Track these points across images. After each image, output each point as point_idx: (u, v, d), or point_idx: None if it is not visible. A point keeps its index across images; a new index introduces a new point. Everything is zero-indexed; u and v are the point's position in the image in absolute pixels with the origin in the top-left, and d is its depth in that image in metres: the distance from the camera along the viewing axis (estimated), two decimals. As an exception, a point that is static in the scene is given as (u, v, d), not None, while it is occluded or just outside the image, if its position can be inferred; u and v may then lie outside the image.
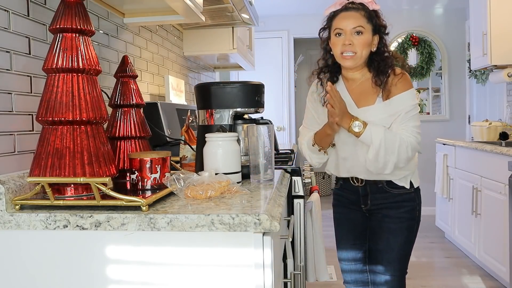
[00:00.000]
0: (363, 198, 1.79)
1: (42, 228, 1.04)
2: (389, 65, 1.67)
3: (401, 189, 1.74)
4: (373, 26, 1.65)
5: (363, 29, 1.63)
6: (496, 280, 3.13)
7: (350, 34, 1.63)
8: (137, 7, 1.87)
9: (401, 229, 1.74)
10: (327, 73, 1.76)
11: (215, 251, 1.01)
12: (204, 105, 1.56)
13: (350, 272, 1.90)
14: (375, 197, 1.76)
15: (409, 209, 1.75)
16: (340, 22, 1.65)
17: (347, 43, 1.62)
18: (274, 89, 5.90)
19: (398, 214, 1.74)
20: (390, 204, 1.75)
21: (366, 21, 1.64)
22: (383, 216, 1.76)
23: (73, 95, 1.11)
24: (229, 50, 3.01)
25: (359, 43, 1.62)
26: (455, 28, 5.43)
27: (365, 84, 1.70)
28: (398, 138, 1.60)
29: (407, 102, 1.63)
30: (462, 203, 3.64)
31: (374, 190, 1.76)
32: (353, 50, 1.63)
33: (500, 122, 3.75)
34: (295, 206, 1.88)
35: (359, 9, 1.65)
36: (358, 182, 1.77)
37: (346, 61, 1.65)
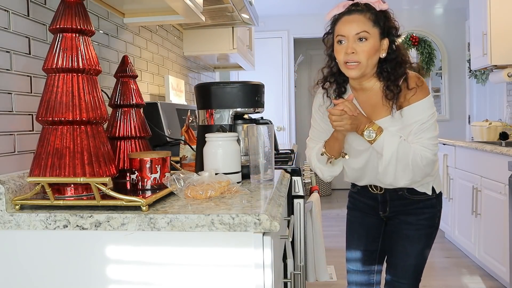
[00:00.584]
0: (382, 205, 1.69)
1: (42, 228, 1.04)
2: (400, 74, 1.50)
3: (423, 195, 1.63)
4: (380, 30, 1.48)
5: (367, 34, 1.46)
6: (496, 280, 3.13)
7: (352, 41, 1.46)
8: (137, 7, 1.87)
9: (420, 236, 1.64)
10: (333, 82, 1.61)
11: (215, 251, 1.01)
12: (204, 105, 1.56)
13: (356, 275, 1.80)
14: (394, 204, 1.66)
15: (429, 216, 1.65)
16: (342, 27, 1.49)
17: (349, 51, 1.46)
18: (274, 89, 5.90)
19: (418, 221, 1.64)
20: (410, 211, 1.64)
21: (371, 24, 1.46)
22: (401, 222, 1.66)
23: (73, 95, 1.11)
24: (229, 50, 3.01)
25: (363, 51, 1.45)
26: (455, 28, 5.43)
27: (376, 94, 1.54)
28: (411, 151, 1.47)
29: (423, 113, 1.48)
30: (462, 203, 3.64)
31: (393, 197, 1.65)
32: (356, 60, 1.46)
33: (500, 122, 3.75)
34: (295, 206, 1.89)
35: (363, 11, 1.48)
36: (377, 190, 1.67)
37: (350, 71, 1.49)
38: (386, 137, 1.47)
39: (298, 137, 6.59)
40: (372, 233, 1.76)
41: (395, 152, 1.47)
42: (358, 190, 1.75)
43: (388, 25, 1.50)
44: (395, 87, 1.49)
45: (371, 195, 1.70)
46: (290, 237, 1.54)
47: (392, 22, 1.52)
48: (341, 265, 3.37)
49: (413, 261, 1.66)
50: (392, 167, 1.49)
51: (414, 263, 1.66)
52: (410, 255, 1.65)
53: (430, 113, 1.49)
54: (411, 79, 1.51)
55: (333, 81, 1.60)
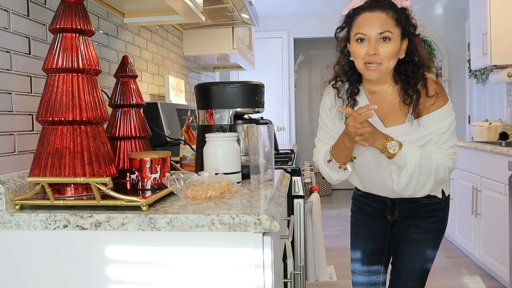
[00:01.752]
0: (390, 209, 1.62)
1: (42, 228, 1.04)
2: (419, 78, 1.41)
3: (433, 198, 1.56)
4: (402, 29, 1.38)
5: (391, 34, 1.35)
6: (496, 280, 3.13)
7: (375, 41, 1.36)
8: (137, 7, 1.87)
9: (428, 240, 1.60)
10: (346, 82, 1.50)
11: (215, 251, 1.01)
12: (204, 105, 1.56)
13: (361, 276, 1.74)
14: (403, 208, 1.60)
15: (438, 219, 1.60)
16: (363, 25, 1.37)
17: (371, 52, 1.35)
18: (274, 89, 5.90)
19: (427, 225, 1.59)
20: (419, 214, 1.59)
21: (394, 23, 1.36)
22: (409, 225, 1.61)
23: (73, 95, 1.11)
24: (229, 50, 3.01)
25: (386, 53, 1.36)
26: (455, 28, 5.43)
27: (392, 98, 1.45)
28: (434, 161, 1.41)
29: (444, 121, 1.41)
30: (462, 203, 3.64)
31: (403, 200, 1.58)
32: (378, 61, 1.37)
33: (500, 122, 3.75)
34: (295, 206, 1.89)
35: (385, 8, 1.36)
36: None
37: (370, 73, 1.39)
38: (408, 150, 1.39)
39: (298, 137, 6.59)
40: (378, 237, 1.70)
41: (418, 165, 1.39)
42: (364, 193, 1.67)
43: (409, 24, 1.40)
44: (413, 92, 1.40)
45: (379, 199, 1.63)
46: (290, 237, 1.54)
47: (412, 20, 1.42)
48: (341, 265, 3.37)
49: (420, 265, 1.61)
50: (414, 180, 1.43)
51: (421, 267, 1.62)
52: (417, 259, 1.61)
53: (450, 120, 1.42)
54: (431, 85, 1.42)
55: (346, 80, 1.50)
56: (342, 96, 1.51)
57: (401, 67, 1.43)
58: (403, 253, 1.63)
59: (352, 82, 1.49)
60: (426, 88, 1.41)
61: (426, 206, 1.58)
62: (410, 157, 1.39)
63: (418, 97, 1.40)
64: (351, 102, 1.49)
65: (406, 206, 1.59)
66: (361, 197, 1.70)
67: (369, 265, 1.73)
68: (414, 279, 1.63)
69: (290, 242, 1.66)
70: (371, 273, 1.73)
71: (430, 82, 1.43)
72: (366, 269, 1.74)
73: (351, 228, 1.77)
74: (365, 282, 1.75)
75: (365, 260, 1.73)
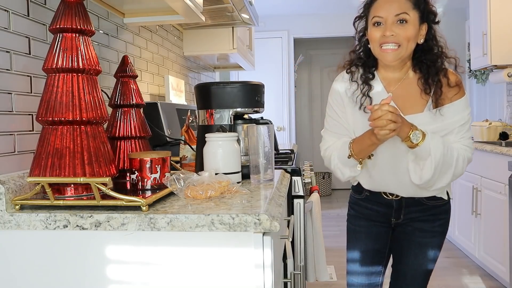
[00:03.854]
0: (396, 212, 1.56)
1: (42, 228, 1.04)
2: (440, 69, 1.41)
3: (439, 200, 1.55)
4: (420, 13, 1.37)
5: (408, 16, 1.34)
6: (496, 280, 3.13)
7: (392, 23, 1.35)
8: (137, 7, 1.87)
9: (432, 243, 1.56)
10: (360, 66, 1.48)
11: (215, 251, 1.01)
12: (204, 105, 1.56)
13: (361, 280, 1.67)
14: (409, 210, 1.55)
15: (443, 222, 1.58)
16: (379, 8, 1.37)
17: (388, 33, 1.34)
18: (274, 89, 5.90)
19: (433, 228, 1.56)
20: (425, 217, 1.55)
21: (411, 6, 1.35)
22: (414, 229, 1.56)
23: (73, 95, 1.11)
24: (229, 50, 3.01)
25: (404, 34, 1.34)
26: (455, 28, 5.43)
27: (410, 86, 1.43)
28: (455, 152, 1.40)
29: (462, 113, 1.41)
30: (462, 203, 3.64)
31: (409, 203, 1.54)
32: (396, 42, 1.35)
33: (500, 122, 3.75)
34: (295, 206, 1.89)
35: None
36: (393, 196, 1.55)
37: (387, 55, 1.37)
38: (432, 141, 1.35)
39: (298, 137, 6.59)
40: (380, 244, 1.63)
41: (442, 156, 1.36)
42: (367, 196, 1.59)
43: (428, 9, 1.40)
44: (434, 82, 1.39)
45: (385, 202, 1.56)
46: (290, 237, 1.54)
47: (431, 6, 1.41)
48: (341, 265, 3.36)
49: (424, 268, 1.58)
50: (438, 172, 1.39)
51: (425, 270, 1.59)
52: (421, 263, 1.58)
53: (468, 111, 1.43)
54: (451, 75, 1.42)
55: (361, 65, 1.48)
56: (357, 81, 1.47)
57: (421, 55, 1.42)
58: (408, 256, 1.59)
59: (367, 67, 1.47)
60: (447, 78, 1.41)
61: (432, 208, 1.55)
62: (434, 148, 1.35)
63: (440, 87, 1.39)
64: (366, 88, 1.45)
65: (412, 209, 1.55)
66: (362, 201, 1.62)
67: (370, 268, 1.66)
68: (417, 283, 1.61)
69: (290, 242, 1.66)
70: (371, 274, 1.67)
71: (450, 72, 1.43)
72: (366, 271, 1.68)
73: (349, 233, 1.68)
74: (364, 284, 1.68)
75: (365, 263, 1.66)
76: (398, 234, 1.62)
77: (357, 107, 1.46)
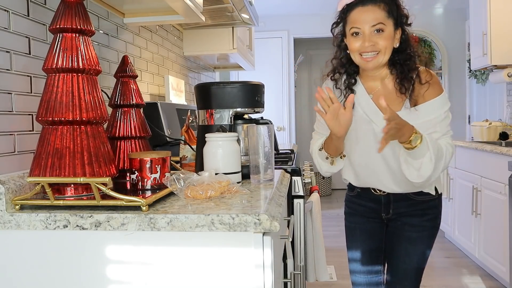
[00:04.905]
0: (385, 207, 1.63)
1: (42, 228, 1.04)
2: (413, 67, 1.49)
3: (426, 195, 1.59)
4: (394, 20, 1.45)
5: (384, 26, 1.43)
6: (496, 280, 3.13)
7: (369, 34, 1.43)
8: (137, 7, 1.87)
9: (422, 238, 1.60)
10: (343, 73, 1.57)
11: (215, 251, 1.01)
12: (204, 105, 1.56)
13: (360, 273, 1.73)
14: (398, 205, 1.61)
15: (432, 217, 1.61)
16: (356, 19, 1.44)
17: (367, 44, 1.43)
18: (274, 89, 5.90)
19: (421, 223, 1.60)
20: (414, 212, 1.60)
21: (386, 15, 1.43)
22: (403, 224, 1.61)
23: (73, 95, 1.11)
24: (229, 50, 3.01)
25: (381, 42, 1.43)
26: (455, 28, 5.44)
27: (388, 87, 1.52)
28: (442, 146, 1.44)
29: (439, 110, 1.47)
30: (462, 203, 3.64)
31: (397, 198, 1.60)
32: (375, 50, 1.44)
33: (500, 122, 3.75)
34: (295, 206, 1.89)
35: (377, 1, 1.44)
36: (381, 191, 1.61)
37: (368, 64, 1.46)
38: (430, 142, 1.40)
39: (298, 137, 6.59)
40: (375, 238, 1.69)
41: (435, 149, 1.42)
42: (358, 193, 1.68)
43: (400, 14, 1.47)
44: (408, 81, 1.47)
45: (374, 197, 1.64)
46: (290, 237, 1.55)
47: (403, 10, 1.49)
48: (341, 265, 3.37)
49: (415, 263, 1.62)
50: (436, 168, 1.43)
51: (416, 265, 1.62)
52: (412, 258, 1.61)
53: (446, 109, 1.48)
54: (422, 73, 1.50)
55: (343, 72, 1.57)
56: (340, 87, 1.57)
57: (395, 56, 1.50)
58: (399, 252, 1.64)
59: (349, 74, 1.56)
60: (419, 77, 1.49)
61: (420, 203, 1.59)
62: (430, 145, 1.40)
63: (414, 84, 1.47)
64: (349, 92, 1.54)
65: (401, 204, 1.60)
66: (355, 198, 1.70)
67: (370, 265, 1.72)
68: (409, 278, 1.63)
69: (290, 242, 1.66)
70: (372, 273, 1.72)
71: (422, 71, 1.51)
72: (366, 269, 1.73)
73: (346, 231, 1.75)
74: (366, 282, 1.73)
75: (365, 260, 1.71)
76: (390, 229, 1.67)
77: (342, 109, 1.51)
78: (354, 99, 1.50)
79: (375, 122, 1.48)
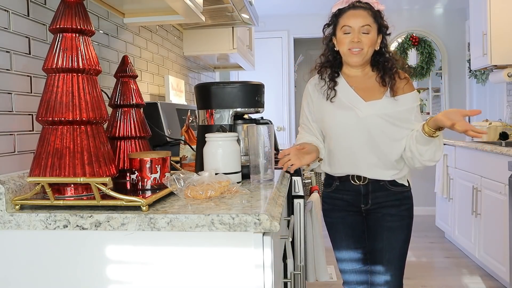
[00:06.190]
0: (364, 197, 1.75)
1: (42, 228, 1.04)
2: (393, 65, 1.73)
3: (401, 187, 1.74)
4: (378, 26, 1.70)
5: (370, 28, 1.67)
6: (496, 280, 3.13)
7: (358, 32, 1.66)
8: (137, 7, 1.87)
9: (402, 227, 1.74)
10: (328, 68, 1.77)
11: (215, 251, 1.01)
12: (204, 105, 1.56)
13: (351, 272, 1.84)
14: (376, 196, 1.74)
15: (408, 207, 1.76)
16: (348, 19, 1.68)
17: (355, 40, 1.65)
18: (274, 89, 5.90)
19: (400, 212, 1.74)
20: (392, 203, 1.73)
21: (372, 20, 1.68)
22: (383, 215, 1.74)
23: (73, 95, 1.11)
24: (229, 50, 3.01)
25: (367, 41, 1.67)
26: (455, 28, 5.43)
27: (369, 81, 1.74)
28: None
29: (413, 103, 1.71)
30: (462, 203, 3.64)
31: (375, 188, 1.73)
32: (360, 47, 1.66)
33: (500, 122, 3.75)
34: (295, 206, 1.89)
35: (366, 8, 1.69)
36: (360, 181, 1.73)
37: (353, 57, 1.68)
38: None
39: (298, 137, 6.56)
40: (357, 231, 1.81)
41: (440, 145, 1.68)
42: (337, 186, 1.79)
43: (382, 23, 1.72)
44: (389, 76, 1.71)
45: (353, 188, 1.75)
46: (290, 237, 1.55)
47: (385, 22, 1.73)
48: (341, 265, 3.37)
49: (398, 252, 1.73)
50: None
51: (398, 254, 1.73)
52: (395, 247, 1.73)
53: (418, 104, 1.73)
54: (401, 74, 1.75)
55: (328, 66, 1.78)
56: (325, 78, 1.76)
57: (377, 57, 1.74)
58: (381, 242, 1.74)
59: (333, 68, 1.77)
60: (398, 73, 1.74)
61: (396, 194, 1.74)
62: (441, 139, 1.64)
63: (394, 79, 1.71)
64: (332, 83, 1.74)
65: (378, 194, 1.73)
66: (333, 193, 1.81)
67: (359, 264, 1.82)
68: (394, 267, 1.73)
69: (290, 242, 1.66)
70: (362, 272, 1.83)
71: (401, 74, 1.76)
72: (357, 267, 1.83)
73: (329, 228, 1.86)
74: (358, 281, 1.83)
75: (354, 259, 1.82)
76: (370, 221, 1.78)
77: (325, 98, 1.73)
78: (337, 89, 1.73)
79: (357, 107, 1.68)
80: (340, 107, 1.70)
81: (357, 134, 1.68)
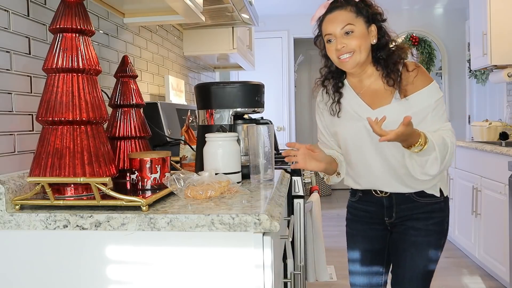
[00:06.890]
0: (387, 210, 1.58)
1: (42, 228, 1.04)
2: (397, 60, 1.51)
3: (431, 197, 1.55)
4: (365, 18, 1.49)
5: (353, 26, 1.47)
6: (496, 280, 3.13)
7: (340, 37, 1.47)
8: (137, 7, 1.87)
9: (428, 243, 1.55)
10: (331, 79, 1.62)
11: (215, 251, 1.01)
12: (204, 105, 1.56)
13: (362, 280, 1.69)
14: (401, 209, 1.56)
15: (438, 221, 1.55)
16: (326, 27, 1.50)
17: (339, 47, 1.47)
18: (274, 89, 5.91)
19: (426, 226, 1.54)
20: (418, 215, 1.55)
21: (354, 16, 1.48)
22: (407, 228, 1.56)
23: (73, 95, 1.11)
24: (229, 50, 3.01)
25: (354, 42, 1.47)
26: (455, 28, 5.44)
27: (375, 84, 1.54)
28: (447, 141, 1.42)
29: (430, 99, 1.47)
30: (462, 203, 3.64)
31: (400, 200, 1.56)
32: (349, 51, 1.47)
33: (500, 122, 3.75)
34: (295, 206, 1.89)
35: (343, 6, 1.49)
36: (382, 193, 1.58)
37: (345, 65, 1.50)
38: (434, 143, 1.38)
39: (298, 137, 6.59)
40: (378, 246, 1.65)
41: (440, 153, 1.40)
42: (360, 197, 1.65)
43: (372, 11, 1.51)
44: (394, 73, 1.50)
45: (376, 200, 1.59)
46: (290, 237, 1.54)
47: (375, 8, 1.52)
48: (341, 265, 3.37)
49: (422, 269, 1.55)
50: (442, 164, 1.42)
51: (422, 271, 1.55)
52: (418, 264, 1.55)
53: (438, 97, 1.48)
54: (409, 65, 1.52)
55: (331, 78, 1.62)
56: (329, 92, 1.61)
57: (377, 53, 1.53)
58: (404, 258, 1.57)
59: (336, 78, 1.61)
60: (406, 66, 1.51)
61: (424, 206, 1.55)
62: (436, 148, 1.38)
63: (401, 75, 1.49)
64: (337, 95, 1.58)
65: (404, 207, 1.56)
66: (356, 203, 1.67)
67: (369, 266, 1.67)
68: (416, 285, 1.56)
69: (290, 242, 1.66)
70: (372, 274, 1.68)
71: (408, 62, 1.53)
72: (366, 270, 1.68)
73: (348, 240, 1.72)
74: (365, 284, 1.69)
75: (365, 261, 1.67)
76: (394, 236, 1.61)
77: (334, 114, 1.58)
78: (344, 101, 1.56)
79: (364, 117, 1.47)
80: (349, 119, 1.54)
81: (369, 147, 1.51)
